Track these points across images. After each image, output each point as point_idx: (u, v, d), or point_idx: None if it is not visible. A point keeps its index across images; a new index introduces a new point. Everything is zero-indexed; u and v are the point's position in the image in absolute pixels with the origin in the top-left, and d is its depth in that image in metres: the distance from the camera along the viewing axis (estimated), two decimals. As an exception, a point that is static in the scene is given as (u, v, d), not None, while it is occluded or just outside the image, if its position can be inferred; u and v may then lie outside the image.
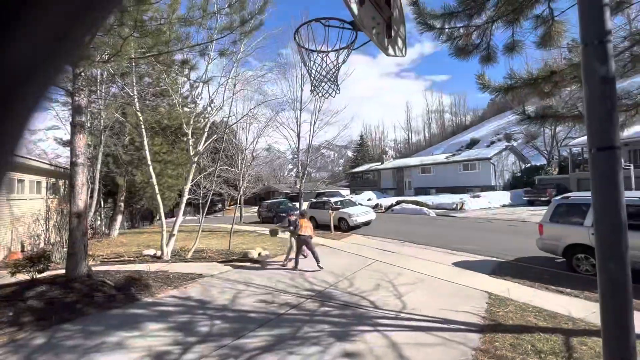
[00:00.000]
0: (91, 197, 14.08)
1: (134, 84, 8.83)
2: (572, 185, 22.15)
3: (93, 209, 14.79)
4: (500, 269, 6.66)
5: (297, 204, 16.50)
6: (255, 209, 27.43)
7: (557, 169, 29.16)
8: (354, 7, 2.01)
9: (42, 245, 10.75)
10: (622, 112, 4.27)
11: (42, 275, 6.05)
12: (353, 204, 16.59)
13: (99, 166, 14.50)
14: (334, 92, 2.58)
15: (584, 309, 4.45)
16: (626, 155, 20.89)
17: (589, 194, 6.25)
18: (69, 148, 6.85)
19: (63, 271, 6.31)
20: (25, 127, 0.29)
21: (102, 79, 10.43)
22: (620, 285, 1.46)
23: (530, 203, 21.42)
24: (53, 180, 14.01)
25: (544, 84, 4.26)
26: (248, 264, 8.11)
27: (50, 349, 3.96)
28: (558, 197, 7.11)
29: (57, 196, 13.94)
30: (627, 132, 4.67)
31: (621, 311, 1.46)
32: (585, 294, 5.02)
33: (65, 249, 7.91)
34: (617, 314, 1.47)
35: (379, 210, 22.83)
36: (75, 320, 4.74)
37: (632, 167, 15.34)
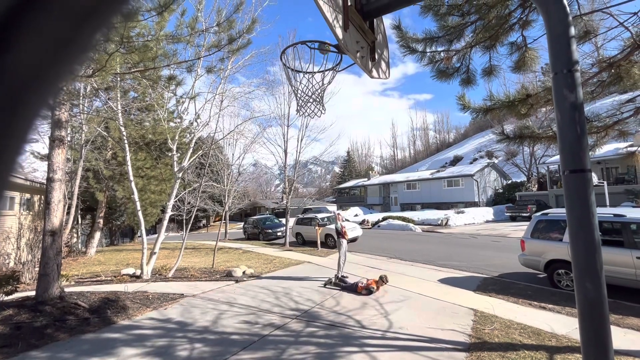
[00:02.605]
0: (68, 213, 13.53)
1: (118, 98, 8.72)
2: (550, 201, 22.93)
3: (70, 226, 14.18)
4: (485, 285, 6.71)
5: (284, 220, 16.33)
6: (241, 225, 26.98)
7: (536, 186, 30.22)
8: (339, 31, 2.07)
9: (12, 264, 10.16)
10: (593, 134, 4.50)
11: (10, 297, 5.69)
12: (340, 220, 16.52)
13: (78, 181, 14.01)
14: (319, 112, 2.62)
15: (566, 325, 4.52)
16: (600, 172, 21.89)
17: (566, 210, 6.48)
18: (46, 162, 6.62)
19: (33, 293, 5.95)
20: (28, 132, 0.28)
21: (85, 92, 10.25)
22: (596, 304, 1.49)
23: (512, 219, 21.96)
24: (28, 195, 13.42)
25: (521, 105, 4.46)
26: (232, 282, 7.88)
27: (14, 379, 3.68)
28: (538, 214, 7.32)
29: (31, 213, 13.32)
30: (600, 151, 4.91)
31: (599, 330, 1.49)
32: (567, 309, 5.10)
33: (37, 269, 7.50)
34: (595, 333, 1.50)
35: (366, 226, 22.86)
36: (45, 347, 4.43)
37: (605, 184, 16.03)
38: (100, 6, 0.29)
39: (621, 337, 4.08)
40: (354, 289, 6.59)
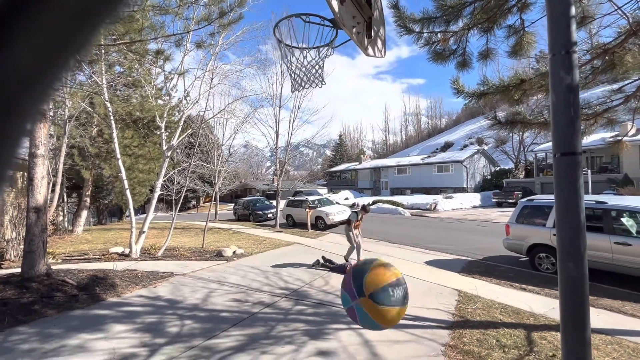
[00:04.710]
0: (53, 191, 13.21)
1: (103, 72, 8.35)
2: (536, 189, 23.50)
3: (55, 204, 13.88)
4: (470, 268, 6.93)
5: (274, 202, 16.34)
6: (231, 206, 26.91)
7: (523, 173, 30.82)
8: (335, 4, 1.99)
9: (-5, 241, 9.95)
10: (582, 121, 4.55)
11: (-5, 274, 5.61)
12: (330, 202, 16.68)
13: (62, 158, 13.62)
14: (320, 83, 2.55)
15: (544, 305, 4.73)
16: (585, 161, 22.43)
17: (551, 196, 6.65)
18: (27, 137, 6.38)
19: (19, 270, 5.87)
20: (23, 132, 0.27)
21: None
22: (578, 283, 1.54)
23: (499, 205, 22.49)
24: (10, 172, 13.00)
25: (514, 91, 4.45)
26: (222, 262, 7.93)
27: (1, 353, 3.67)
28: (524, 200, 7.50)
29: (14, 189, 12.96)
30: (587, 140, 5.00)
31: (578, 309, 1.55)
32: (546, 291, 5.33)
33: (22, 246, 7.37)
34: (575, 311, 1.56)
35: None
36: (32, 323, 4.42)
37: (589, 172, 16.46)
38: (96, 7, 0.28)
39: (595, 317, 4.29)
40: (342, 269, 6.72)
